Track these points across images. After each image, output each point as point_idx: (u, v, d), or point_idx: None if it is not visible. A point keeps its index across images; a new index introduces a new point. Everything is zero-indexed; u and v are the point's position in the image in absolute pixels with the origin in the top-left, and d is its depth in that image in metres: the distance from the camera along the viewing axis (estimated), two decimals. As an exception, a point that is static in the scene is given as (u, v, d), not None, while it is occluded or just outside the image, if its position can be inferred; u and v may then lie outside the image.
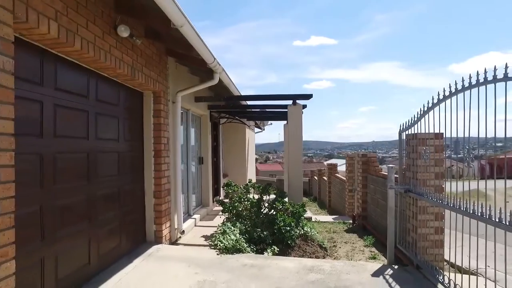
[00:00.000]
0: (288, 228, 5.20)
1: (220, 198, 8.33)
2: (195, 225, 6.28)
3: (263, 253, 4.72)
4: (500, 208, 2.60)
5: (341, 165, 16.76)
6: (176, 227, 5.19)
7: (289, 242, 5.08)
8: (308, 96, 6.63)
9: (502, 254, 3.07)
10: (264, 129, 13.23)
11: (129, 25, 3.59)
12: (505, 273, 2.94)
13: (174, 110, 5.18)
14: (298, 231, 5.37)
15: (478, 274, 3.82)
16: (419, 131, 4.24)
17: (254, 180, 6.88)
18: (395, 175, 4.81)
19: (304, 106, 6.78)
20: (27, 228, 2.59)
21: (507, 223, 2.55)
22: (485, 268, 4.04)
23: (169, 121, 5.03)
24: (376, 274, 3.92)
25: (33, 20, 2.31)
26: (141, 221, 4.63)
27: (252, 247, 4.83)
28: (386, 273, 3.95)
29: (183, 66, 5.66)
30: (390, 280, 3.72)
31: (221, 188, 8.96)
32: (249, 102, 7.38)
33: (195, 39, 3.80)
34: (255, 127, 13.16)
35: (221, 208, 6.77)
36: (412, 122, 4.41)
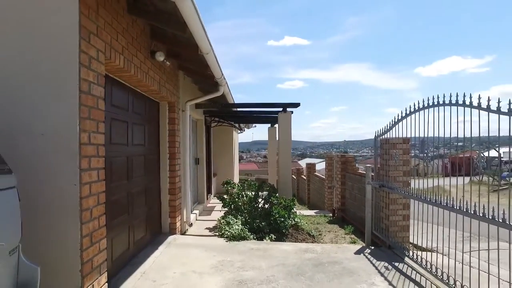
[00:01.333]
0: (282, 219, 6.08)
1: (212, 195, 9.08)
2: (196, 219, 7.01)
3: (262, 240, 5.56)
4: (453, 198, 3.59)
5: (314, 164, 17.91)
6: (185, 220, 5.93)
7: (283, 231, 5.97)
8: (296, 105, 7.55)
9: (452, 236, 4.10)
10: (244, 131, 14.05)
11: (158, 48, 4.33)
12: (453, 249, 3.96)
13: (184, 118, 5.91)
14: (290, 221, 6.26)
15: (433, 251, 4.87)
16: (398, 134, 5.20)
17: (237, 179, 7.71)
18: (371, 173, 5.80)
19: (291, 112, 7.69)
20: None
21: (458, 208, 3.53)
22: (437, 246, 5.11)
23: (180, 127, 5.76)
24: (357, 252, 4.89)
25: (113, 57, 3.03)
26: (158, 214, 5.34)
27: (253, 235, 5.66)
28: (365, 252, 4.92)
29: (188, 77, 6.39)
30: (369, 256, 4.69)
31: (212, 186, 9.73)
32: (241, 108, 8.19)
33: (213, 62, 4.58)
34: (237, 128, 13.96)
35: (214, 204, 7.55)
36: (385, 130, 5.41)
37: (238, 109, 8.49)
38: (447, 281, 3.52)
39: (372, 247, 5.20)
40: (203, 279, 3.71)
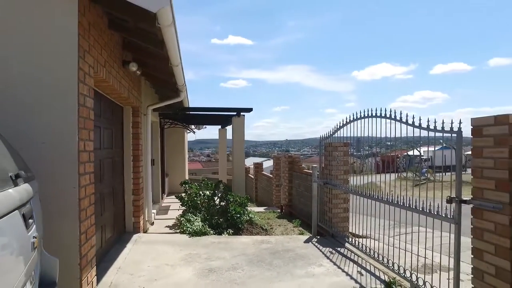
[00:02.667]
0: (238, 215, 6.65)
1: (165, 195, 9.32)
2: (154, 218, 7.26)
3: (221, 235, 6.07)
4: (383, 191, 4.47)
5: (261, 163, 18.78)
6: (147, 219, 6.20)
7: (240, 226, 6.54)
8: (249, 110, 8.17)
9: (381, 224, 5.05)
10: (195, 132, 14.34)
11: (128, 57, 4.61)
12: (382, 235, 4.89)
13: (146, 122, 6.17)
14: (245, 217, 6.86)
15: (368, 237, 5.84)
16: (339, 139, 6.11)
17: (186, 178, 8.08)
18: (317, 173, 6.64)
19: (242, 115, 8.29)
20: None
21: (385, 199, 4.42)
22: (371, 233, 6.12)
23: (143, 130, 6.01)
24: (306, 241, 5.66)
25: (99, 70, 3.32)
26: (123, 214, 5.57)
27: (212, 231, 6.14)
28: (312, 240, 5.72)
29: (148, 82, 6.63)
30: (316, 244, 5.48)
31: (165, 186, 9.94)
32: (197, 112, 8.59)
33: (180, 72, 4.96)
34: (190, 130, 14.21)
35: (168, 203, 7.84)
36: (329, 135, 6.27)
37: (192, 112, 8.86)
38: (378, 258, 4.40)
39: (318, 237, 6.02)
40: (176, 269, 4.13)
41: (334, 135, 6.05)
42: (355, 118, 5.11)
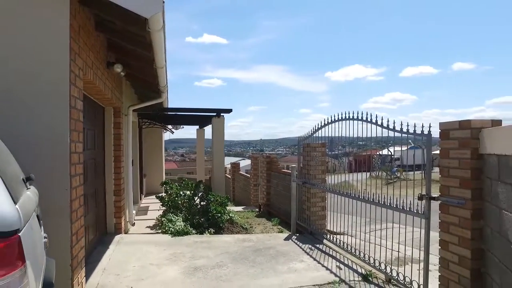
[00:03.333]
0: (219, 214, 6.77)
1: (143, 195, 9.26)
2: (134, 219, 7.23)
3: (203, 234, 6.17)
4: (355, 190, 4.75)
5: (238, 163, 18.93)
6: (128, 220, 6.19)
7: (221, 225, 6.67)
8: (228, 110, 8.28)
9: (356, 221, 5.34)
10: (174, 132, 14.27)
11: (111, 58, 4.62)
12: (358, 231, 5.18)
13: (127, 122, 6.15)
14: (226, 216, 6.99)
15: (344, 233, 6.14)
16: (317, 140, 6.37)
17: (164, 179, 8.11)
18: (296, 172, 6.87)
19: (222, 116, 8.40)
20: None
21: (362, 198, 4.69)
22: (347, 230, 6.43)
23: (124, 131, 6.00)
24: (286, 239, 5.87)
25: (87, 72, 3.35)
26: (104, 215, 5.54)
27: (194, 230, 6.22)
28: (292, 238, 5.94)
29: (128, 82, 6.60)
30: (296, 241, 5.71)
31: (144, 187, 9.86)
32: (177, 112, 8.60)
33: (163, 74, 5.02)
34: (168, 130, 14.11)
35: (147, 204, 7.82)
36: (307, 136, 6.51)
37: (171, 113, 8.86)
38: (354, 253, 4.67)
39: (297, 234, 6.25)
40: (162, 269, 4.21)
41: (312, 136, 6.30)
42: (333, 120, 5.37)
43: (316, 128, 6.09)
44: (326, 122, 5.63)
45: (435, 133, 3.33)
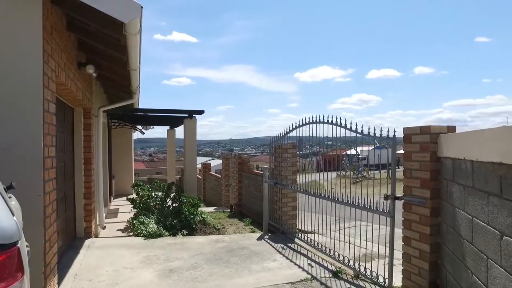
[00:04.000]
0: (192, 216, 6.78)
1: (112, 197, 9.04)
2: (105, 222, 7.06)
3: (176, 236, 6.16)
4: (324, 189, 4.97)
5: (209, 164, 18.87)
6: (98, 223, 6.04)
7: (194, 226, 6.68)
8: (201, 112, 8.29)
9: (326, 220, 5.58)
10: (144, 133, 14.00)
11: (82, 58, 4.52)
12: (327, 230, 5.42)
13: (97, 123, 6.01)
14: (198, 217, 7.01)
15: (315, 232, 6.37)
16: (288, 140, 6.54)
17: (133, 180, 8.03)
18: (268, 173, 7.03)
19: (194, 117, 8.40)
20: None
21: (332, 197, 4.92)
22: (317, 228, 6.67)
23: (94, 132, 5.86)
24: (259, 239, 6.01)
25: (60, 74, 3.28)
26: (73, 219, 5.38)
27: (167, 232, 6.19)
28: (265, 238, 6.08)
29: (98, 82, 6.45)
30: (268, 241, 5.85)
31: (113, 189, 9.62)
32: (149, 113, 8.49)
33: (136, 75, 4.98)
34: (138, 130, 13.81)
35: (117, 206, 7.67)
36: (278, 138, 6.69)
37: (143, 113, 8.73)
38: (325, 251, 4.89)
39: (269, 234, 6.40)
40: (136, 272, 4.19)
41: (283, 138, 6.48)
42: (304, 123, 5.57)
43: (287, 130, 6.27)
44: (297, 125, 5.83)
45: (399, 133, 3.60)
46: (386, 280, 3.68)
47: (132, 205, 7.01)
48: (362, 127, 4.14)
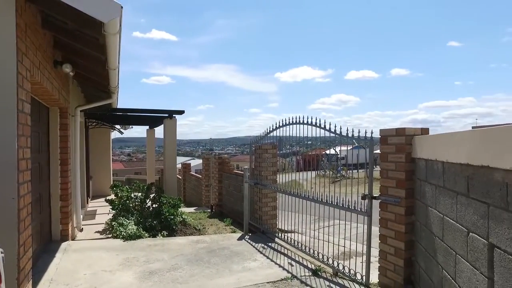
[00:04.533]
0: (172, 216, 6.73)
1: (90, 198, 8.83)
2: (82, 224, 6.89)
3: (156, 237, 6.10)
4: (304, 189, 5.05)
5: (189, 164, 18.73)
6: (75, 225, 5.90)
7: (174, 227, 6.63)
8: (181, 112, 8.23)
9: (306, 219, 5.67)
10: (123, 133, 13.72)
11: (58, 56, 4.41)
12: (307, 229, 5.51)
13: (74, 123, 5.86)
14: (178, 218, 6.96)
15: (294, 231, 6.47)
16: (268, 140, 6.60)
17: (111, 181, 7.88)
18: (248, 174, 7.06)
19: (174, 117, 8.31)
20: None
21: (311, 197, 5.01)
22: (297, 228, 6.77)
23: (71, 132, 5.71)
24: (239, 239, 6.04)
25: (35, 73, 3.19)
26: (49, 222, 5.23)
27: (147, 233, 6.12)
28: (245, 238, 6.12)
29: (75, 80, 6.28)
30: (249, 241, 5.89)
31: (90, 190, 9.40)
32: (128, 113, 8.34)
33: (115, 75, 4.90)
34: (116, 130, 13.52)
35: (94, 207, 7.50)
36: (259, 139, 6.74)
37: (121, 113, 8.57)
38: (305, 250, 4.97)
39: (250, 234, 6.44)
40: (115, 275, 4.12)
41: (263, 139, 6.54)
42: (285, 123, 5.64)
43: (267, 131, 6.33)
44: (277, 126, 5.89)
45: (376, 133, 3.73)
46: (364, 277, 3.79)
47: (111, 207, 6.88)
48: (340, 128, 4.25)
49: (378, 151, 3.76)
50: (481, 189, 1.87)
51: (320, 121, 4.60)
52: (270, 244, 5.65)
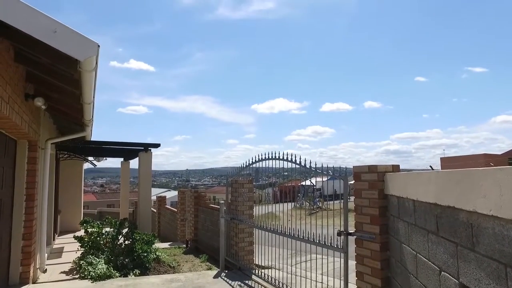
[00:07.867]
0: (145, 254, 6.45)
1: (57, 235, 8.34)
2: (46, 264, 6.45)
3: (127, 276, 5.79)
4: (280, 224, 5.01)
5: (165, 197, 18.27)
6: (38, 266, 5.51)
7: (147, 265, 6.34)
8: (156, 145, 8.14)
9: (283, 254, 5.59)
10: (96, 165, 13.31)
11: (30, 90, 4.32)
12: (284, 264, 5.42)
13: (44, 157, 5.65)
14: (152, 255, 6.67)
15: (271, 267, 6.33)
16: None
17: (82, 215, 7.51)
18: (224, 208, 6.95)
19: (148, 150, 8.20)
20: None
21: (288, 234, 4.96)
22: (274, 263, 6.64)
23: (40, 166, 5.48)
24: (215, 276, 5.83)
25: (3, 108, 3.10)
26: (7, 264, 4.85)
27: (117, 273, 5.80)
28: (221, 275, 5.91)
29: (47, 112, 6.13)
30: (225, 278, 5.70)
31: (58, 225, 8.91)
32: (103, 146, 8.15)
33: (90, 109, 4.82)
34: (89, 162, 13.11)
35: (62, 244, 7.09)
36: (235, 173, 6.72)
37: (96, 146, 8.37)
38: (282, 287, 4.85)
39: (226, 271, 6.24)
40: (80, 321, 3.83)
41: (240, 173, 6.53)
42: (262, 158, 5.68)
43: (243, 166, 6.34)
44: (253, 161, 5.92)
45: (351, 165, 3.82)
46: (341, 316, 3.72)
47: (80, 244, 6.52)
48: (315, 164, 4.33)
49: (352, 181, 3.84)
50: (449, 229, 1.93)
51: (295, 157, 4.67)
52: (246, 281, 5.48)
